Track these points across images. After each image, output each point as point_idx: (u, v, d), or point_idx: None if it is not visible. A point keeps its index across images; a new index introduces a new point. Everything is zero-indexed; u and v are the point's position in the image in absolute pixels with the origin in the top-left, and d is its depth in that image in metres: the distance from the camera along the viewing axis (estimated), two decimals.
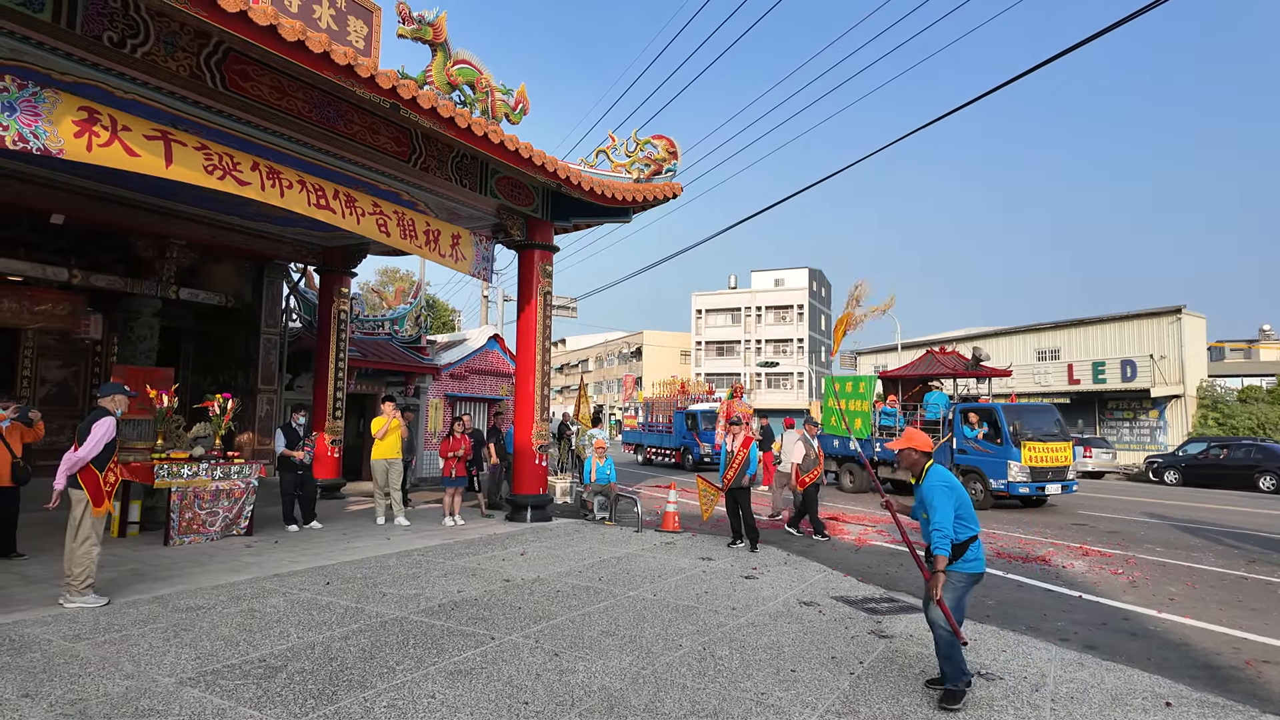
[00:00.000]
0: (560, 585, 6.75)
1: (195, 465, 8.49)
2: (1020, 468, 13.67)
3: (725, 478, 9.22)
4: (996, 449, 14.07)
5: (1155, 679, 4.65)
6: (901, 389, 17.90)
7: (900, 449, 4.51)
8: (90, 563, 5.72)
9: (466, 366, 19.60)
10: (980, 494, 14.13)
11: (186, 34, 6.70)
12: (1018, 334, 34.71)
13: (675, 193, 11.91)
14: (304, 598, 6.07)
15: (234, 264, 13.84)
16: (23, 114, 5.70)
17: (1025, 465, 13.66)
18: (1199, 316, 30.26)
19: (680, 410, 25.65)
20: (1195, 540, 10.91)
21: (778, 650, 4.99)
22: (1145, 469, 24.06)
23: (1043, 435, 14.23)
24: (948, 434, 14.88)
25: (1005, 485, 13.82)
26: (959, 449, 14.66)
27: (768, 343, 61.93)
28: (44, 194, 9.52)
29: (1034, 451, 13.76)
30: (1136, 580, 8.02)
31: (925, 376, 17.58)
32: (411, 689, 4.13)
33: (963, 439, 14.62)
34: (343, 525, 10.07)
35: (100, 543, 5.83)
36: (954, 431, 14.78)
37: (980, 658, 4.94)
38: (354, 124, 8.40)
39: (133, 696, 3.93)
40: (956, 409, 15.10)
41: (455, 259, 10.02)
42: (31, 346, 12.10)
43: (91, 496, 5.73)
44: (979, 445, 14.40)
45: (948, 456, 14.72)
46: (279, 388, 14.27)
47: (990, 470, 14.09)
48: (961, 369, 17.19)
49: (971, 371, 17.19)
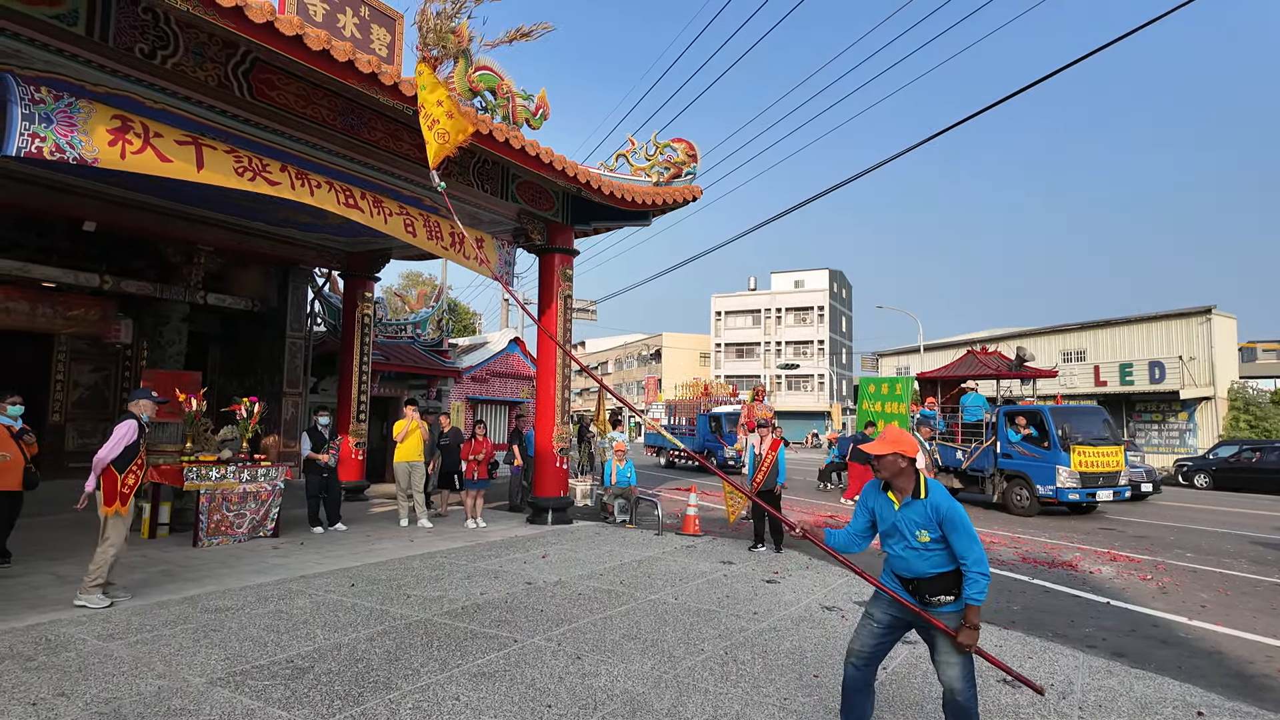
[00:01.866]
0: (582, 588, 6.78)
1: (223, 468, 8.63)
2: (1070, 473, 13.08)
3: (755, 481, 9.20)
4: (1044, 453, 13.47)
5: (1186, 687, 4.58)
6: (941, 390, 17.36)
7: (883, 454, 3.42)
8: (103, 564, 5.80)
9: (487, 369, 19.74)
10: (1026, 501, 13.63)
11: (215, 45, 6.83)
12: (1043, 335, 34.22)
13: (695, 196, 11.90)
14: (330, 599, 6.15)
15: (260, 269, 14.05)
16: (59, 125, 5.83)
17: (1075, 470, 13.06)
18: (1229, 317, 29.67)
19: (703, 412, 25.51)
20: (1227, 546, 10.69)
21: (800, 655, 4.97)
22: (1174, 472, 23.62)
23: (1092, 438, 13.62)
24: (990, 438, 14.48)
25: (1054, 492, 13.21)
26: (1003, 453, 14.16)
27: (788, 344, 61.71)
28: (76, 202, 9.74)
29: (1084, 456, 13.17)
30: (1166, 586, 7.89)
31: (966, 377, 17.10)
32: (436, 691, 4.17)
33: (1007, 443, 14.14)
34: (367, 527, 10.18)
35: (119, 545, 5.87)
36: (998, 435, 14.32)
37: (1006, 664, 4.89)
38: (377, 130, 8.50)
39: (164, 696, 4.01)
40: (1000, 411, 14.58)
41: (480, 261, 10.10)
42: (64, 351, 12.38)
43: (104, 496, 5.82)
44: (1025, 449, 13.83)
45: (991, 462, 14.38)
46: (304, 391, 14.47)
47: (1037, 476, 13.47)
48: (1005, 369, 16.57)
49: (1015, 372, 16.53)
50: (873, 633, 3.49)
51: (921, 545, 3.32)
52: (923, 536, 3.32)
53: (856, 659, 3.51)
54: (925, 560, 3.33)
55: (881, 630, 3.48)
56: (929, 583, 3.32)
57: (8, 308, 10.83)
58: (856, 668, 3.50)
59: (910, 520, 3.35)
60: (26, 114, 5.66)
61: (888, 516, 3.45)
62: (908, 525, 3.36)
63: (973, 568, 3.19)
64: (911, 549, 3.35)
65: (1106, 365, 30.62)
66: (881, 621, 3.48)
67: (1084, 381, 31.03)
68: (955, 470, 15.19)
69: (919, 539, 3.32)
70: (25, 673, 4.30)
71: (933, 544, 3.31)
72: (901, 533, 3.39)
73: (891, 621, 3.47)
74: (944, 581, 3.31)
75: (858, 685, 3.51)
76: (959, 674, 3.27)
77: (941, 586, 3.31)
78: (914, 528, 3.33)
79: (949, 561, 3.30)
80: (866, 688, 3.52)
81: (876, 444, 3.47)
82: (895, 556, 3.44)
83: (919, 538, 3.32)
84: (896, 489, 3.44)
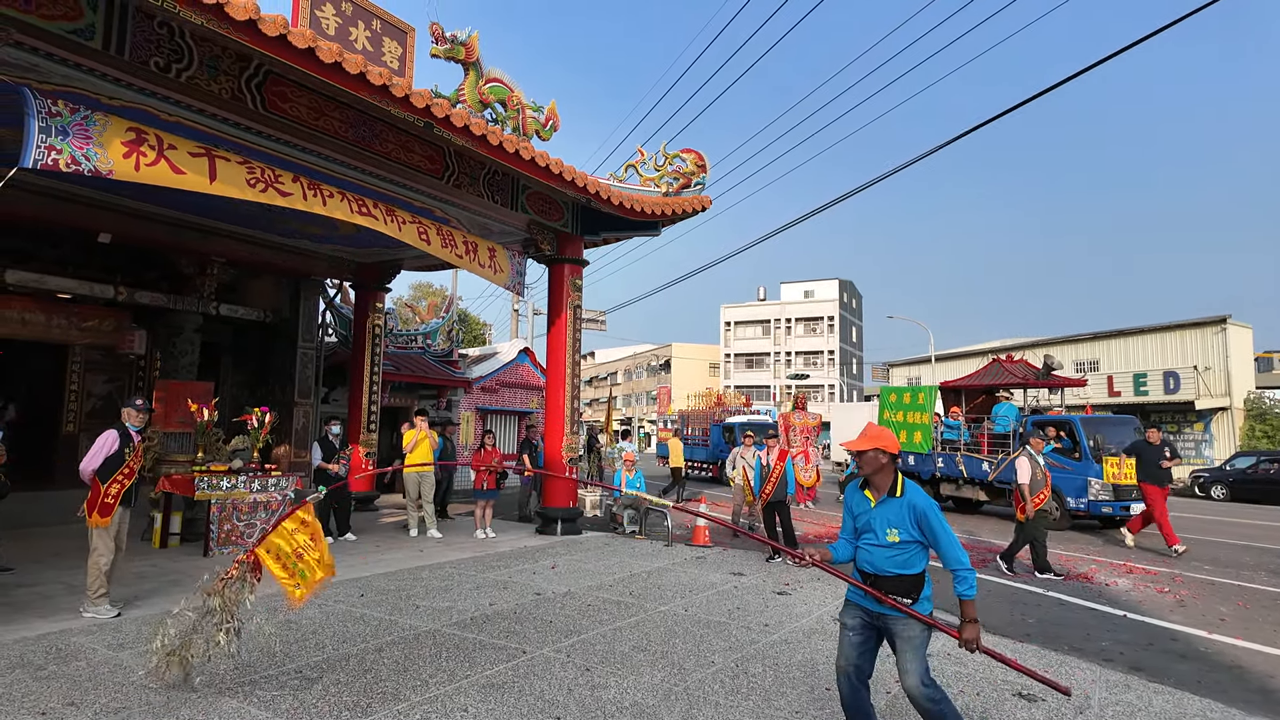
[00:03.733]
0: (591, 599, 6.74)
1: (234, 478, 8.66)
2: (1102, 485, 12.69)
3: (764, 492, 9.14)
4: (1075, 465, 13.08)
5: (1206, 702, 4.49)
6: (965, 400, 17.01)
7: (864, 450, 3.45)
8: (98, 574, 5.78)
9: (497, 380, 19.78)
10: (1056, 514, 13.00)
11: (228, 58, 6.91)
12: (1056, 344, 33.96)
13: (704, 206, 11.92)
14: (339, 609, 6.14)
15: (272, 280, 14.14)
16: (75, 137, 5.90)
17: (1108, 482, 12.64)
18: (1245, 326, 29.38)
19: (717, 423, 25.32)
20: (1246, 558, 10.54)
21: (812, 668, 4.92)
22: (1191, 484, 23.33)
23: (1116, 452, 13.12)
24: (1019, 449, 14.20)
25: (1086, 504, 12.86)
26: None
27: (798, 355, 61.55)
28: (91, 214, 9.84)
29: (1117, 467, 12.62)
30: (1184, 599, 7.77)
31: (991, 386, 16.76)
32: (444, 702, 4.14)
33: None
34: (376, 537, 10.19)
35: (109, 554, 5.82)
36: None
37: (1022, 678, 4.82)
38: (388, 142, 8.56)
39: (174, 706, 4.00)
40: (1029, 421, 14.20)
41: (494, 270, 10.13)
42: (79, 361, 12.49)
43: (87, 505, 5.82)
44: (1055, 461, 13.22)
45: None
46: (315, 401, 14.52)
47: (1068, 488, 13.05)
48: (1031, 378, 16.16)
49: (1042, 381, 16.16)
50: (850, 643, 3.49)
51: (889, 544, 3.35)
52: (892, 535, 3.34)
53: (843, 674, 3.52)
54: (890, 559, 3.35)
55: (858, 638, 3.48)
56: (889, 581, 3.33)
57: (24, 319, 10.94)
58: (847, 682, 3.51)
59: (883, 518, 3.38)
60: (43, 126, 5.73)
61: (863, 514, 3.48)
62: (880, 522, 3.38)
63: (958, 566, 3.22)
64: (879, 546, 3.38)
65: (1120, 375, 30.33)
66: (854, 628, 3.49)
67: (1098, 392, 30.73)
68: (982, 483, 14.81)
69: (888, 537, 3.35)
70: (35, 682, 4.31)
71: (901, 544, 3.33)
72: (873, 529, 3.41)
73: (862, 626, 3.47)
74: (904, 583, 3.33)
75: (853, 701, 3.51)
76: (916, 680, 3.25)
77: (901, 587, 3.33)
78: (886, 525, 3.36)
79: (913, 564, 3.34)
80: (863, 702, 3.51)
81: (858, 440, 3.50)
82: (861, 551, 3.46)
83: (888, 535, 3.35)
84: (874, 486, 3.47)
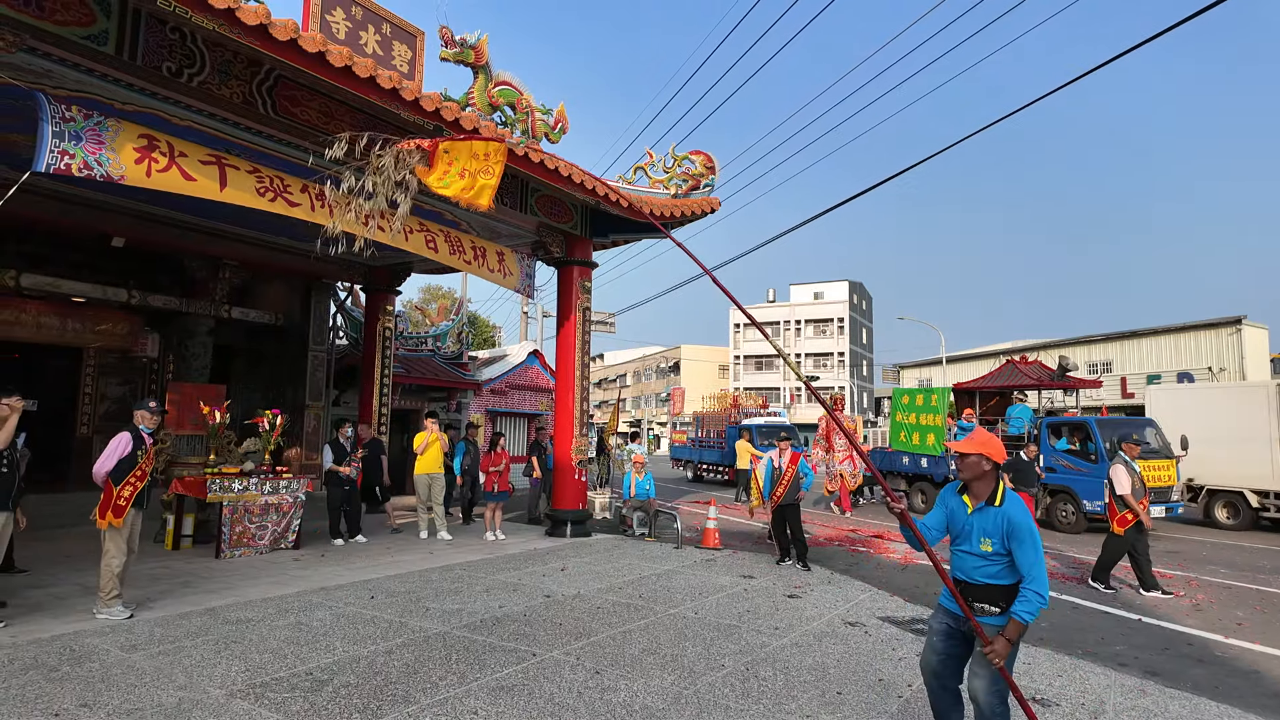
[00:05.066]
0: (600, 602, 6.73)
1: (246, 480, 8.70)
2: None
3: (775, 495, 9.08)
4: (1091, 467, 12.86)
5: (1224, 708, 4.43)
6: (979, 401, 16.87)
7: (968, 452, 3.39)
8: (110, 576, 5.81)
9: (507, 382, 19.83)
10: (1072, 517, 13.07)
11: (240, 62, 6.95)
12: (1068, 345, 33.69)
13: (713, 207, 11.90)
14: (349, 611, 6.15)
15: (283, 283, 14.24)
16: (88, 142, 5.96)
17: None
18: (1261, 327, 29.07)
19: (733, 425, 25.17)
20: (1263, 561, 10.41)
21: (823, 672, 4.89)
22: None
23: (1142, 452, 12.77)
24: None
25: (1102, 507, 12.69)
26: (1048, 467, 13.56)
27: (808, 356, 61.33)
28: (105, 218, 9.95)
29: None
30: (1200, 603, 7.68)
31: (1006, 388, 16.63)
32: (454, 705, 4.14)
33: (1051, 456, 13.66)
34: (386, 539, 10.21)
35: (121, 556, 5.84)
36: (1041, 448, 13.73)
37: (1035, 682, 4.77)
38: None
39: (185, 707, 4.02)
40: (1044, 423, 14.10)
41: (503, 274, 10.14)
42: (93, 364, 12.60)
43: (99, 507, 5.85)
44: (1070, 464, 13.32)
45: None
46: (326, 404, 14.60)
47: (1084, 491, 12.90)
48: (1046, 379, 16.03)
49: (1057, 382, 16.04)
50: (932, 645, 3.51)
51: (982, 553, 3.31)
52: (985, 545, 3.30)
53: (928, 674, 3.53)
54: (980, 569, 3.33)
55: (940, 641, 3.48)
56: (978, 590, 3.33)
57: (39, 322, 11.05)
58: (933, 680, 3.52)
59: (980, 527, 3.34)
60: (57, 131, 5.80)
61: (960, 519, 3.44)
62: (976, 531, 3.35)
63: (1030, 585, 3.15)
64: (972, 554, 3.36)
65: (1134, 377, 30.07)
66: (938, 631, 3.50)
67: (1111, 393, 30.48)
68: None
69: (982, 546, 3.31)
70: (49, 683, 4.33)
71: (994, 554, 3.29)
72: (969, 536, 3.38)
73: (947, 630, 3.47)
74: (993, 593, 3.31)
75: (940, 702, 3.52)
76: (984, 686, 3.23)
77: (989, 597, 3.31)
78: (981, 534, 3.32)
79: (1004, 576, 3.29)
80: (952, 703, 3.51)
81: (964, 442, 3.46)
82: (955, 557, 3.47)
83: (982, 545, 3.31)
84: (973, 492, 3.43)
